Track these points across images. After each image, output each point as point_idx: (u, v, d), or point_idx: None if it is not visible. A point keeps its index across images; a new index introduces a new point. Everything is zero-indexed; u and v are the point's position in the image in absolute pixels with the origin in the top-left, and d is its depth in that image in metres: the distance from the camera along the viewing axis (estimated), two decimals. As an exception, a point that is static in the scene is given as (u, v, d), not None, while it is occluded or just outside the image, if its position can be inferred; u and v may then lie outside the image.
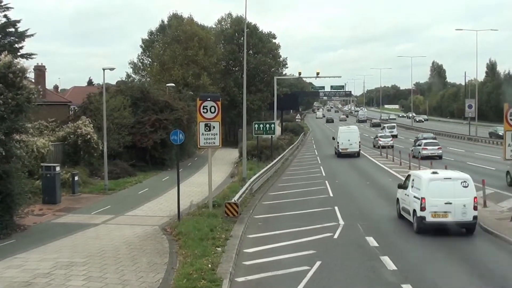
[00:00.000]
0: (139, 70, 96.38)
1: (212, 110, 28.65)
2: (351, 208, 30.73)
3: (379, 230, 24.64)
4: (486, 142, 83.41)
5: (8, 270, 19.04)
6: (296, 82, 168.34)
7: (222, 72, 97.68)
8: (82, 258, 20.54)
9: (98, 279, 17.55)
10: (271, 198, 36.65)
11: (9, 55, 27.26)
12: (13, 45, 46.99)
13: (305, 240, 22.81)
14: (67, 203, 35.73)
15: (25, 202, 28.32)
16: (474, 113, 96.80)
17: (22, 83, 26.82)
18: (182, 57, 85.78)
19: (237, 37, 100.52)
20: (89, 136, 45.44)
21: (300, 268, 18.38)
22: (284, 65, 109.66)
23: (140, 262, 19.74)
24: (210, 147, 30.17)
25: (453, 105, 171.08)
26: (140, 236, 24.90)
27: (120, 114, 53.05)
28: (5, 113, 25.34)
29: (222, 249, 21.01)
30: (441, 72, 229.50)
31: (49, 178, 35.23)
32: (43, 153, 39.03)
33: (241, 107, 52.91)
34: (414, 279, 17.08)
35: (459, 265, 18.99)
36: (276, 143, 67.07)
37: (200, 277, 16.97)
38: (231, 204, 28.31)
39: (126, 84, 69.07)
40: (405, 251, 21.12)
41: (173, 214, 28.35)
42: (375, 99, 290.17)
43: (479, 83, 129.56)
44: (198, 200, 34.14)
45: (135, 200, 37.12)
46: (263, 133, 56.16)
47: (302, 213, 29.73)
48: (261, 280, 17.55)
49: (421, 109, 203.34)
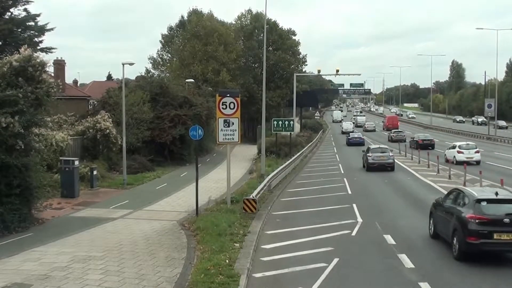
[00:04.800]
0: (159, 65, 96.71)
1: (231, 106, 28.58)
2: (369, 206, 30.57)
3: (397, 228, 24.48)
4: (505, 142, 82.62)
5: (26, 263, 19.07)
6: (315, 79, 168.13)
7: (241, 68, 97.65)
8: (100, 252, 20.55)
9: (116, 273, 17.53)
10: (289, 194, 36.56)
11: (28, 49, 27.37)
12: (32, 39, 46.99)
13: (323, 237, 22.69)
14: (85, 197, 35.85)
15: (44, 195, 28.46)
16: (493, 112, 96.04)
17: (42, 77, 26.88)
18: (201, 53, 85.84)
19: (257, 33, 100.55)
20: (108, 131, 45.57)
21: (317, 265, 18.28)
22: (304, 62, 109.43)
23: (158, 256, 19.71)
24: (229, 143, 30.12)
25: (472, 104, 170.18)
26: (158, 231, 24.90)
27: (139, 109, 53.18)
28: (25, 107, 25.39)
29: (239, 245, 20.93)
30: (460, 71, 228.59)
31: (67, 172, 35.36)
32: (62, 147, 39.18)
33: (260, 104, 52.84)
34: (432, 277, 16.93)
35: (475, 264, 18.76)
36: (294, 140, 67.02)
37: (217, 272, 16.91)
38: (249, 200, 28.22)
39: (146, 79, 69.20)
40: (422, 249, 20.94)
41: (191, 210, 28.29)
42: (394, 97, 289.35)
43: (499, 82, 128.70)
44: (216, 196, 34.17)
45: (153, 195, 37.17)
46: (282, 130, 55.89)
47: (320, 210, 29.59)
48: (278, 276, 17.46)
49: (440, 108, 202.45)
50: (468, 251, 18.75)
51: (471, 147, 53.36)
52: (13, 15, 46.92)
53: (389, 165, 48.77)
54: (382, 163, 48.64)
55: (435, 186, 36.95)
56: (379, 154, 49.79)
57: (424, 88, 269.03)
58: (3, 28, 43.50)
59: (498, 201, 19.27)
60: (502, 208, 18.74)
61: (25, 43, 34.93)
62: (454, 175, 41.53)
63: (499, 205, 19.05)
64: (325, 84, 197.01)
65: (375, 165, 48.60)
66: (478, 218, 18.42)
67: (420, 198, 32.68)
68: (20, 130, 25.16)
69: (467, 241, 18.44)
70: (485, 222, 18.34)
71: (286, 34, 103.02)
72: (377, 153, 50.09)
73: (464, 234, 18.65)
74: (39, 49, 45.66)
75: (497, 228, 18.19)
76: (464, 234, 18.61)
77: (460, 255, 18.97)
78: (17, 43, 41.11)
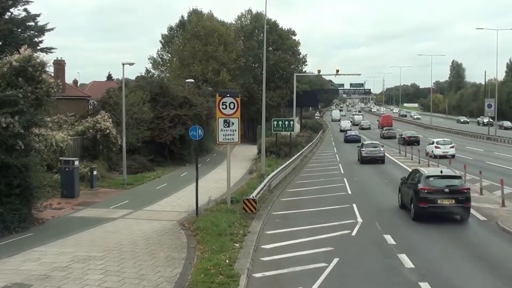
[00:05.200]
0: (159, 65, 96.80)
1: (231, 106, 28.60)
2: (369, 206, 30.58)
3: (397, 228, 24.52)
4: (505, 142, 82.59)
5: (26, 263, 19.08)
6: (315, 79, 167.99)
7: (241, 68, 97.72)
8: (100, 252, 20.56)
9: (116, 273, 17.53)
10: (289, 194, 36.56)
11: (28, 49, 27.38)
12: (32, 39, 46.95)
13: (323, 237, 22.69)
14: (85, 197, 35.87)
15: (44, 195, 28.47)
16: (493, 112, 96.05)
17: (42, 77, 26.88)
18: (201, 53, 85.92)
19: (257, 33, 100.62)
20: (108, 131, 45.60)
21: (317, 265, 18.27)
22: (304, 62, 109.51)
23: (158, 256, 19.72)
24: (229, 143, 30.13)
25: (472, 104, 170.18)
26: (158, 231, 24.91)
27: (139, 109, 53.22)
28: (25, 107, 25.40)
29: (239, 245, 20.94)
30: (460, 71, 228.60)
31: (67, 172, 35.38)
32: (62, 147, 39.21)
33: (260, 104, 52.89)
34: (432, 277, 16.93)
35: (478, 265, 18.78)
36: (295, 140, 67.13)
37: (217, 272, 16.92)
38: (249, 200, 28.23)
39: (146, 79, 69.22)
40: (422, 249, 20.94)
41: (191, 210, 28.29)
42: (394, 97, 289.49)
43: (499, 82, 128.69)
44: (216, 196, 34.18)
45: (153, 195, 37.19)
46: (282, 130, 55.98)
47: (320, 210, 29.59)
48: (278, 276, 17.46)
49: (440, 108, 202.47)
50: (420, 213, 25.73)
51: (447, 143, 60.55)
52: (13, 15, 46.90)
53: (380, 158, 55.78)
54: (374, 156, 55.75)
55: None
56: (371, 149, 57.22)
57: (424, 88, 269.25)
58: (3, 28, 43.47)
59: (441, 177, 26.44)
60: (444, 182, 25.93)
61: (25, 43, 34.93)
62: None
63: (442, 179, 26.19)
64: (325, 84, 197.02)
65: (368, 158, 55.70)
66: (426, 189, 25.50)
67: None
68: (20, 130, 25.16)
69: (419, 206, 25.56)
70: (431, 191, 25.40)
71: (286, 34, 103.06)
72: (369, 148, 57.73)
73: (417, 201, 25.70)
74: (39, 49, 45.61)
75: (440, 196, 25.25)
76: (417, 201, 25.67)
77: (415, 216, 25.96)
78: (17, 43, 41.05)
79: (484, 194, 32.81)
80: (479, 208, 28.11)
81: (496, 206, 28.69)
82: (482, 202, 29.96)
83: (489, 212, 27.32)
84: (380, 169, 50.51)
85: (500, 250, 20.99)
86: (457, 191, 25.34)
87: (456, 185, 25.73)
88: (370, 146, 58.32)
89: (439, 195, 25.19)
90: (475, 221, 25.77)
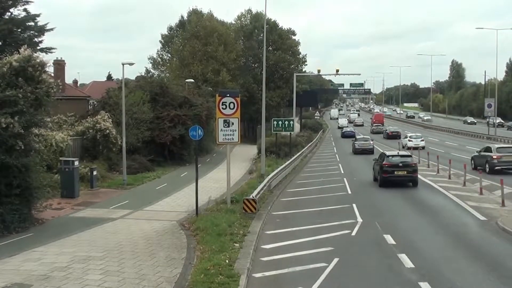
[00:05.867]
0: (159, 65, 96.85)
1: (231, 106, 28.63)
2: (369, 206, 30.57)
3: (397, 228, 24.50)
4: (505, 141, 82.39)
5: (26, 263, 19.10)
6: (315, 79, 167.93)
7: (241, 68, 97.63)
8: (100, 252, 20.58)
9: (116, 273, 17.55)
10: (289, 194, 36.58)
11: (28, 49, 27.38)
12: (32, 39, 46.89)
13: (323, 237, 22.69)
14: (85, 197, 35.89)
15: (44, 196, 28.40)
16: (493, 112, 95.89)
17: (42, 77, 26.89)
18: (201, 53, 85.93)
19: (257, 33, 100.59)
20: (108, 131, 45.62)
21: (317, 265, 18.27)
22: (304, 62, 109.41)
23: (158, 257, 19.74)
24: (228, 143, 30.16)
25: (472, 104, 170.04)
26: (158, 231, 24.93)
27: (139, 109, 53.19)
28: (24, 107, 25.42)
29: (239, 245, 20.95)
30: (460, 70, 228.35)
31: (67, 173, 35.40)
32: (61, 148, 39.24)
33: (260, 104, 52.85)
34: (431, 277, 16.92)
35: (478, 264, 18.75)
36: (294, 140, 67.24)
37: (217, 272, 16.93)
38: (249, 200, 28.23)
39: (146, 80, 69.25)
40: (422, 249, 20.94)
41: (191, 210, 28.31)
42: (394, 97, 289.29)
43: (499, 82, 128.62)
44: (216, 196, 34.22)
45: (153, 195, 37.21)
46: (282, 130, 56.03)
47: (320, 210, 29.58)
48: (278, 276, 17.47)
49: (440, 108, 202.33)
50: (383, 181, 37.23)
51: (418, 137, 74.26)
52: (13, 15, 46.85)
53: (369, 149, 67.04)
54: (365, 148, 67.91)
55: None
56: (362, 142, 70.57)
57: (424, 88, 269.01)
58: (3, 28, 43.46)
59: (398, 156, 38.74)
60: (399, 159, 37.62)
61: (25, 43, 34.86)
62: (454, 174, 41.54)
63: (398, 157, 38.09)
64: (325, 84, 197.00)
65: (360, 149, 67.77)
66: (387, 164, 37.07)
67: (417, 196, 33.02)
68: (20, 130, 25.16)
69: (383, 176, 37.12)
70: (390, 166, 36.93)
71: (286, 34, 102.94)
72: (361, 141, 71.37)
73: (381, 173, 37.38)
74: (39, 49, 45.57)
75: (396, 168, 36.82)
76: (381, 173, 37.33)
77: (380, 184, 37.61)
78: (17, 43, 40.96)
79: (484, 194, 32.75)
80: (479, 208, 28.14)
81: (496, 206, 28.63)
82: (482, 202, 29.94)
83: (489, 212, 27.25)
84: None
85: (500, 250, 20.94)
86: (408, 165, 37.03)
87: (407, 161, 37.47)
88: (361, 140, 72.29)
89: (395, 168, 36.81)
90: (475, 221, 25.74)
